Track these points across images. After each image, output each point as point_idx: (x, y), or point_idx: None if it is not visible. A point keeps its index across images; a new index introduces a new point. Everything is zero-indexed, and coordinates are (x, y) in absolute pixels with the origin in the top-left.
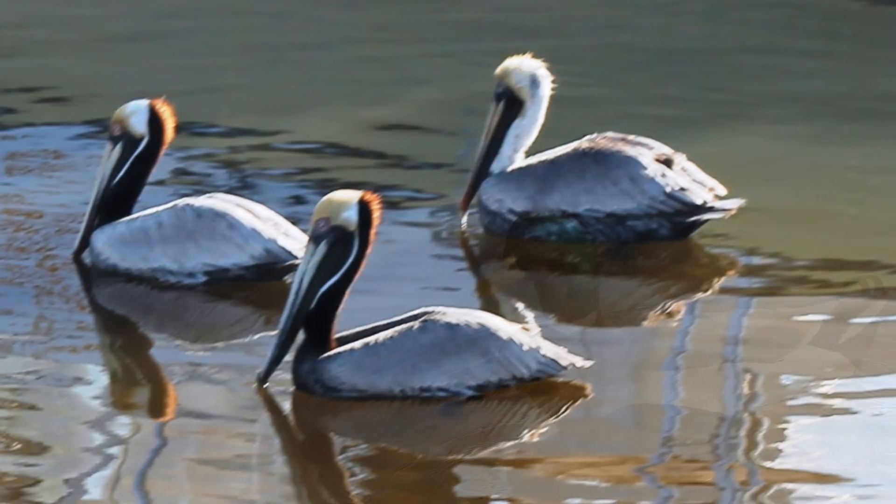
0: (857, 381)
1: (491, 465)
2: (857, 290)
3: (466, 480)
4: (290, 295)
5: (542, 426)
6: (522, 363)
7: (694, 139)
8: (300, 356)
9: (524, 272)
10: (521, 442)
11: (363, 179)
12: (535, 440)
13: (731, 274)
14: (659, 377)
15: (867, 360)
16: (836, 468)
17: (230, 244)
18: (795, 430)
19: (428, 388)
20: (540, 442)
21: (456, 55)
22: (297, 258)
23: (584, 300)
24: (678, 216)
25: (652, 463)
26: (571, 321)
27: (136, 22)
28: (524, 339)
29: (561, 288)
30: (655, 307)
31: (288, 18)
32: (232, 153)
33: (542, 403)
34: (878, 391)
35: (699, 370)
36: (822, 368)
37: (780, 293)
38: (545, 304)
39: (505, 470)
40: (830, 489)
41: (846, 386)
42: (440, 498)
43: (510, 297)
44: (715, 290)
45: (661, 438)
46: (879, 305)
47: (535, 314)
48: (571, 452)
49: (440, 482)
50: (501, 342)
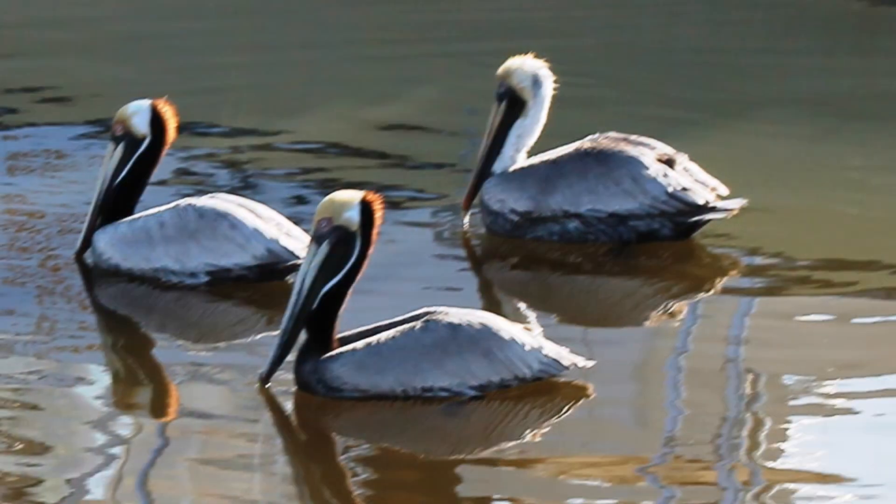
0: (859, 381)
1: (493, 464)
2: (859, 290)
3: (468, 480)
4: (292, 295)
5: (543, 426)
6: (524, 363)
7: (695, 139)
8: (302, 356)
9: (526, 272)
10: (523, 442)
11: (365, 179)
12: (536, 440)
13: (733, 274)
14: (661, 377)
15: (869, 360)
16: (838, 468)
17: (232, 244)
18: (797, 430)
19: (430, 388)
20: (542, 442)
21: (458, 55)
22: (299, 258)
23: (585, 300)
24: (680, 216)
25: (654, 463)
26: (573, 321)
27: (137, 22)
28: (526, 339)
29: (563, 288)
30: (657, 307)
31: (290, 18)
32: (234, 153)
33: (543, 403)
34: (880, 391)
35: (701, 370)
36: (824, 368)
37: (782, 293)
38: (547, 304)
39: (507, 470)
40: (833, 489)
41: (848, 386)
42: (442, 498)
43: (512, 297)
44: (717, 290)
45: (663, 438)
46: (881, 305)
47: (537, 314)
48: (573, 452)
49: (442, 482)
50: (503, 342)
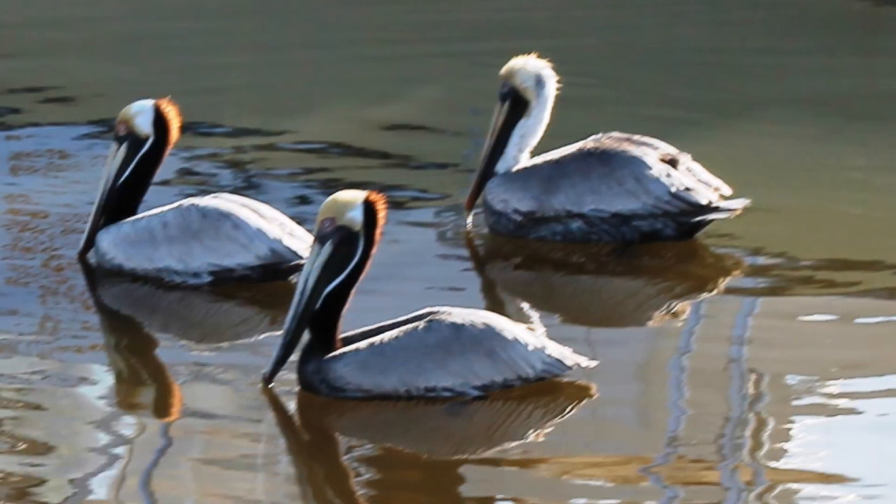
0: (862, 380)
1: (496, 464)
2: (862, 290)
3: (472, 480)
4: (295, 295)
5: (547, 426)
6: (527, 363)
7: (697, 139)
8: (305, 356)
9: (529, 272)
10: (526, 442)
11: (368, 179)
12: (540, 440)
13: (736, 274)
14: (664, 377)
15: (872, 360)
16: (841, 468)
17: (235, 244)
18: (801, 430)
19: (433, 388)
20: (545, 442)
21: (460, 55)
22: (302, 258)
23: (589, 300)
24: (683, 216)
25: (657, 463)
26: (576, 321)
27: (140, 22)
28: (529, 339)
29: (566, 288)
30: (660, 307)
31: (291, 18)
32: (237, 153)
33: (547, 403)
34: (883, 391)
35: (704, 370)
36: (827, 368)
37: (785, 293)
38: (550, 303)
39: (510, 470)
40: (836, 489)
41: (851, 386)
42: (445, 497)
43: (515, 296)
44: (720, 289)
45: (666, 438)
46: (884, 305)
47: (540, 314)
48: (576, 452)
49: (445, 482)
50: (506, 342)
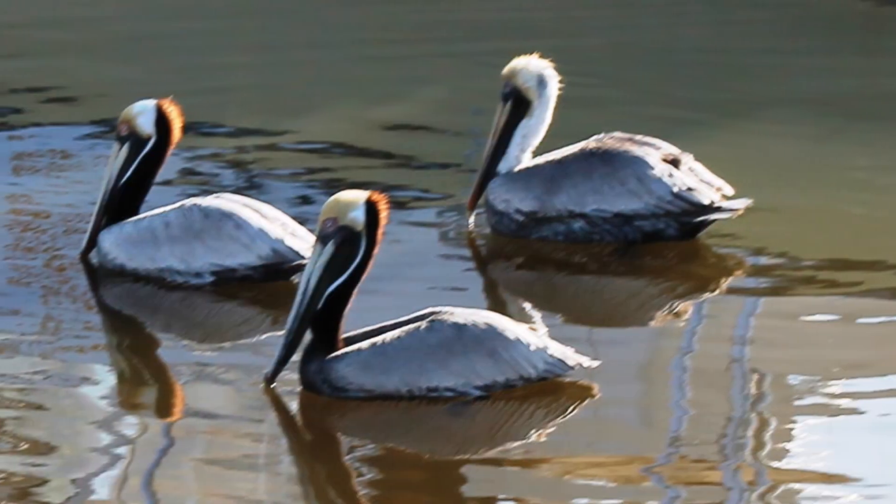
0: (864, 381)
1: (498, 464)
2: (864, 289)
3: (474, 480)
4: (297, 295)
5: (549, 426)
6: (530, 363)
7: (700, 139)
8: (307, 356)
9: (531, 272)
10: (528, 442)
11: (370, 179)
12: (542, 440)
13: (738, 274)
14: (666, 377)
15: (875, 360)
16: (843, 468)
17: (237, 244)
18: (803, 430)
19: (435, 388)
20: (547, 442)
21: (463, 55)
22: (304, 258)
23: (591, 300)
24: (685, 216)
25: (659, 463)
26: (578, 321)
27: (142, 22)
28: (531, 339)
29: (568, 288)
30: (663, 307)
31: (294, 19)
32: (239, 153)
33: (549, 403)
34: (885, 391)
35: (706, 370)
36: (829, 368)
37: (787, 293)
38: (552, 303)
39: (512, 470)
40: (838, 489)
41: (854, 386)
42: (448, 498)
43: (517, 297)
44: (722, 290)
45: (668, 438)
46: (887, 305)
47: (542, 314)
48: (578, 452)
49: (447, 482)
50: (508, 342)
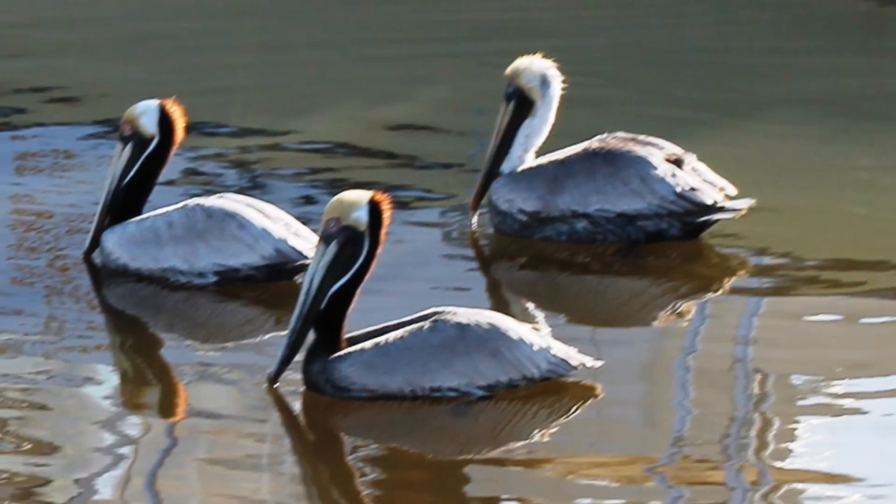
0: (867, 381)
1: (501, 464)
2: (867, 290)
3: (477, 480)
4: (300, 295)
5: (552, 426)
6: (533, 363)
7: (703, 139)
8: (310, 356)
9: (534, 272)
10: (531, 442)
11: (373, 179)
12: (545, 440)
13: (741, 274)
14: (669, 377)
15: (878, 360)
16: (846, 468)
17: (240, 244)
18: (806, 430)
19: (438, 388)
20: (550, 442)
21: (465, 55)
22: (307, 258)
23: (594, 300)
24: (688, 216)
25: (662, 463)
26: (582, 321)
27: (145, 22)
28: (534, 339)
29: (571, 288)
30: (666, 307)
31: (297, 18)
32: (242, 153)
33: (552, 403)
34: (888, 391)
35: (709, 370)
36: (832, 368)
37: (790, 293)
38: (555, 304)
39: (515, 470)
40: (841, 489)
41: (857, 386)
42: (451, 498)
43: (520, 296)
44: (725, 289)
45: (671, 438)
46: (890, 305)
47: (545, 314)
48: (581, 452)
49: (451, 482)
50: (512, 342)
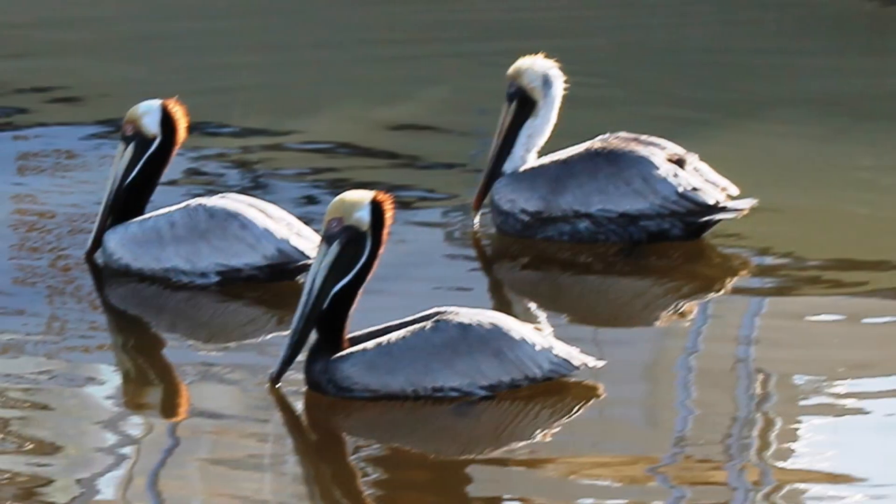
0: (869, 380)
1: (503, 464)
2: (869, 290)
3: (479, 480)
4: (302, 295)
5: (554, 426)
6: (535, 363)
7: (706, 139)
8: (313, 356)
9: (537, 272)
10: (533, 442)
11: (375, 179)
12: (547, 440)
13: (743, 274)
14: (671, 377)
15: (880, 360)
16: (848, 468)
17: (243, 244)
18: (808, 430)
19: (440, 387)
20: (552, 442)
21: (468, 55)
22: (309, 258)
23: (596, 300)
24: (690, 216)
25: (664, 463)
26: (584, 321)
27: (148, 22)
28: (537, 339)
29: (573, 288)
30: (668, 307)
31: (300, 18)
32: (244, 153)
33: (554, 403)
34: (890, 391)
35: (711, 370)
36: (834, 368)
37: (792, 293)
38: (557, 303)
39: (517, 470)
40: (843, 489)
41: (859, 386)
42: (453, 498)
43: (522, 296)
44: (727, 289)
45: (673, 438)
46: (892, 305)
47: (547, 314)
48: (584, 452)
49: (453, 482)
50: (514, 342)
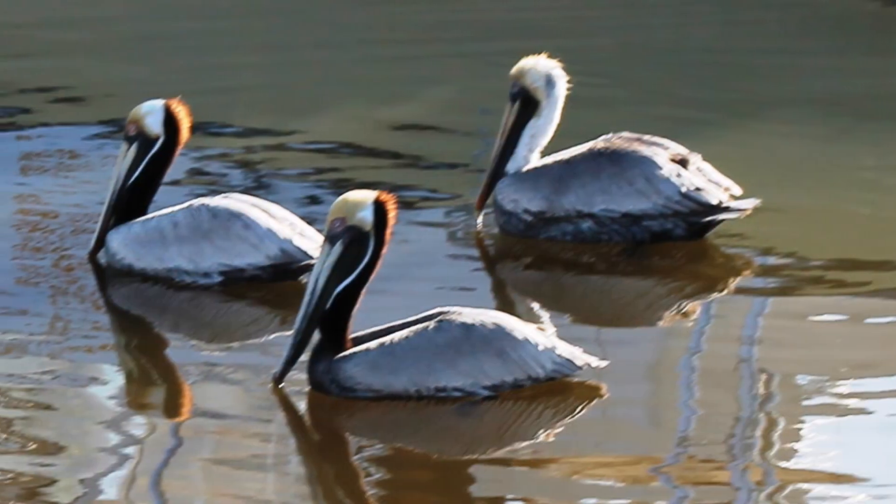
0: (872, 380)
1: (506, 464)
2: (872, 290)
3: (482, 480)
4: (305, 295)
5: (557, 426)
6: (538, 363)
7: (708, 139)
8: (316, 356)
9: (539, 272)
10: (536, 442)
11: (378, 179)
12: (550, 440)
13: (746, 274)
14: (674, 377)
15: (883, 360)
16: (851, 468)
17: (246, 244)
18: (811, 430)
19: (443, 387)
20: (555, 442)
21: (471, 55)
22: (312, 258)
23: (599, 300)
24: (693, 216)
25: (667, 463)
26: (587, 321)
27: (150, 22)
28: (539, 339)
29: (576, 288)
30: (671, 307)
31: (302, 18)
32: (247, 153)
33: (557, 403)
34: (893, 391)
35: (714, 370)
36: (837, 368)
37: (795, 293)
38: (560, 303)
39: (520, 470)
40: (846, 489)
41: (861, 386)
42: (456, 498)
43: (525, 297)
44: (730, 289)
45: (676, 438)
46: (895, 305)
47: (550, 314)
48: (587, 452)
49: (456, 482)
50: (517, 342)
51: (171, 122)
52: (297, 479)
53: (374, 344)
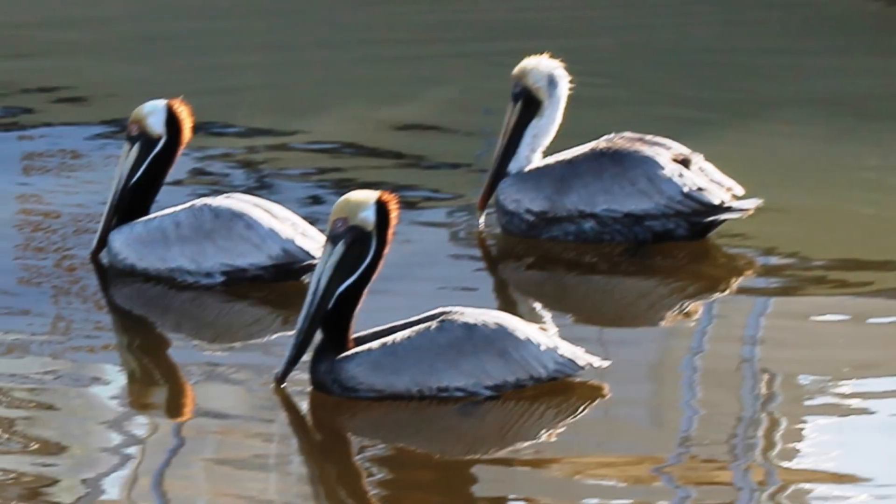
0: (874, 381)
1: (508, 464)
2: (874, 290)
3: (484, 480)
4: (307, 295)
5: (559, 426)
6: (540, 363)
7: (710, 139)
8: (318, 356)
9: (542, 272)
10: (538, 442)
11: (381, 179)
12: (552, 440)
13: (748, 274)
14: (676, 377)
15: (885, 360)
16: (853, 468)
17: (248, 244)
18: (813, 430)
19: (445, 388)
20: (557, 442)
21: (473, 55)
22: (314, 258)
23: (601, 300)
24: (696, 216)
25: (669, 463)
26: (589, 321)
27: (153, 22)
28: (542, 339)
29: (578, 288)
30: (673, 307)
31: (304, 18)
32: (249, 153)
33: (559, 403)
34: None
35: (716, 370)
36: (839, 368)
37: (797, 293)
38: (562, 303)
39: (522, 470)
40: (848, 489)
41: (864, 386)
42: (458, 498)
43: (528, 296)
44: (732, 289)
45: (678, 438)
46: None
47: (552, 314)
48: (589, 452)
49: (458, 482)
50: (519, 342)
51: (173, 122)
52: (299, 479)
53: (376, 344)
